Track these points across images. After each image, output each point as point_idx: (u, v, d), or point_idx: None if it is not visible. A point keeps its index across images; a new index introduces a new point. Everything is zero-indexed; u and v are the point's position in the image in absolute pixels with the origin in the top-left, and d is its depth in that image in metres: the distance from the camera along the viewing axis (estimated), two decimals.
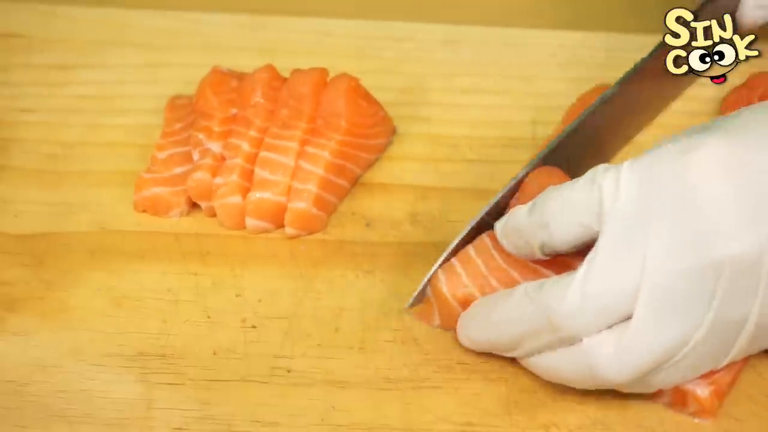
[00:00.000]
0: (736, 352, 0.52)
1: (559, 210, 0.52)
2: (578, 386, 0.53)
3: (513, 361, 0.56)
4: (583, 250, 0.52)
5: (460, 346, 0.57)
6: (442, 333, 0.58)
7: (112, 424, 0.55)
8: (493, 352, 0.56)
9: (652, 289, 0.49)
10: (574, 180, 0.52)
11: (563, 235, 0.52)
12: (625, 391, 0.53)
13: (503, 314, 0.53)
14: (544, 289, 0.51)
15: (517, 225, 0.54)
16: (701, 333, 0.50)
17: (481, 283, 0.57)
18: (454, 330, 0.57)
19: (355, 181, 0.66)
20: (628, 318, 0.50)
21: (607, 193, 0.51)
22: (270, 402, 0.55)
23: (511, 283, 0.56)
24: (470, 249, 0.58)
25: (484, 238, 0.58)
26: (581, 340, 0.51)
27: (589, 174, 0.52)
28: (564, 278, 0.51)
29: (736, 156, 0.49)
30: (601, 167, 0.52)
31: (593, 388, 0.53)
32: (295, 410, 0.55)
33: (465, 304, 0.57)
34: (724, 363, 0.52)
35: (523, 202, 0.56)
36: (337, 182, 0.64)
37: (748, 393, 0.55)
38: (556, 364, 0.52)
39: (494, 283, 0.57)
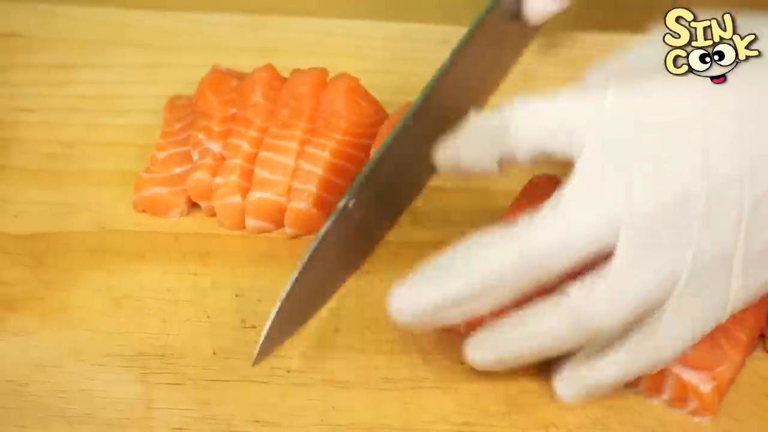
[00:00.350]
0: (734, 293, 0.50)
1: (529, 120, 0.51)
2: (572, 344, 0.51)
3: None
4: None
5: (460, 345, 0.57)
6: (442, 333, 0.58)
7: (112, 424, 0.55)
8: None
9: (633, 222, 0.48)
10: (550, 94, 0.51)
11: (528, 144, 0.51)
12: (631, 350, 0.51)
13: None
14: (528, 228, 0.49)
15: (474, 128, 0.52)
16: (687, 272, 0.49)
17: None
18: (452, 331, 0.57)
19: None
20: (605, 255, 0.49)
21: (588, 114, 0.50)
22: (270, 402, 0.56)
23: None
24: None
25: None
26: (562, 293, 0.50)
27: (567, 90, 0.51)
28: (541, 211, 0.49)
29: (720, 92, 0.50)
30: (581, 84, 0.51)
31: (587, 341, 0.51)
32: (295, 410, 0.55)
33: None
34: (728, 311, 0.51)
35: (523, 209, 0.55)
36: (338, 183, 0.64)
37: (748, 393, 0.55)
38: (536, 331, 0.51)
39: None
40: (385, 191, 0.61)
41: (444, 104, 0.61)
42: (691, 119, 0.49)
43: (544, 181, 0.59)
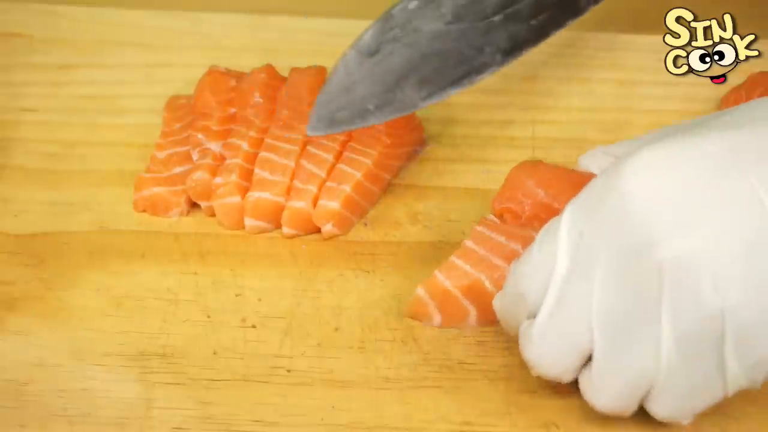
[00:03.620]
0: (732, 372, 0.50)
1: (526, 281, 0.52)
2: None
3: (513, 361, 0.57)
4: None
5: (460, 345, 0.57)
6: (442, 333, 0.58)
7: (112, 423, 0.55)
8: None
9: (602, 322, 0.50)
10: (530, 247, 0.53)
11: (539, 299, 0.52)
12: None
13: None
14: (520, 335, 0.53)
15: (499, 310, 0.55)
16: (669, 348, 0.49)
17: (483, 266, 0.57)
18: (456, 328, 0.58)
19: (386, 188, 0.66)
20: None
21: (554, 245, 0.51)
22: (270, 402, 0.56)
23: (513, 257, 0.56)
24: (467, 242, 0.59)
25: (477, 228, 0.59)
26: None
27: (539, 235, 0.52)
28: (530, 324, 0.52)
29: (662, 165, 0.49)
30: (547, 224, 0.52)
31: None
32: (295, 410, 0.55)
33: (470, 292, 0.57)
34: (729, 388, 0.50)
35: (510, 197, 0.58)
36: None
37: (748, 393, 0.55)
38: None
39: (497, 261, 0.57)
40: None
41: None
42: (634, 199, 0.49)
43: (527, 168, 0.61)
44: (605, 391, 0.51)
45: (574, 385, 0.56)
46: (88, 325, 0.59)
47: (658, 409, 0.52)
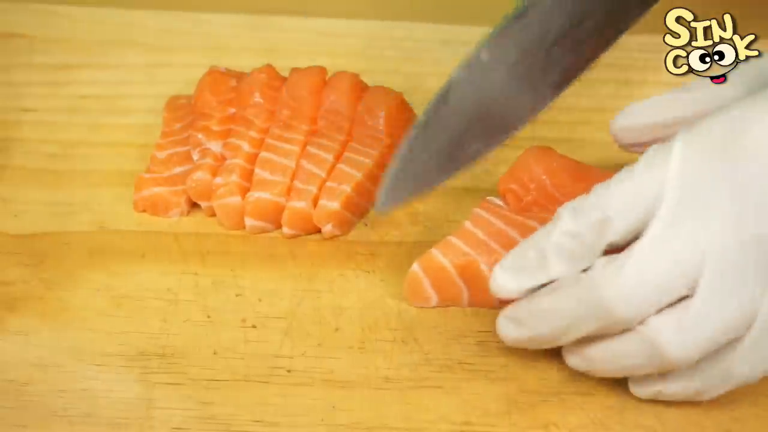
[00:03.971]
0: None
1: (623, 202, 0.50)
2: (640, 372, 0.52)
3: (513, 361, 0.57)
4: None
5: (460, 345, 0.57)
6: (442, 333, 0.58)
7: (112, 423, 0.55)
8: (534, 347, 0.55)
9: (713, 263, 0.48)
10: (628, 168, 0.51)
11: (629, 226, 0.50)
12: (695, 386, 0.52)
13: (549, 304, 0.52)
14: (595, 271, 0.50)
15: (569, 232, 0.52)
16: (766, 307, 0.49)
17: (481, 249, 0.57)
18: (453, 306, 0.58)
19: None
20: (685, 296, 0.49)
21: (663, 171, 0.50)
22: (270, 402, 0.56)
23: (511, 245, 0.55)
24: (466, 224, 0.59)
25: (478, 211, 0.59)
26: (642, 323, 0.50)
27: (644, 157, 0.51)
28: (615, 259, 0.50)
29: None
30: (652, 148, 0.51)
31: (657, 371, 0.52)
32: (295, 410, 0.55)
33: (465, 271, 0.57)
34: None
35: (516, 179, 0.59)
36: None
37: (748, 393, 0.55)
38: (617, 352, 0.52)
39: (494, 245, 0.57)
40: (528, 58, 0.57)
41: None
42: (763, 163, 0.48)
43: (537, 153, 0.61)
44: (694, 336, 0.49)
45: (574, 384, 0.56)
46: (88, 325, 0.59)
47: (740, 364, 0.50)
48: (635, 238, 0.50)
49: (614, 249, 0.51)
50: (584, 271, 0.51)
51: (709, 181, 0.49)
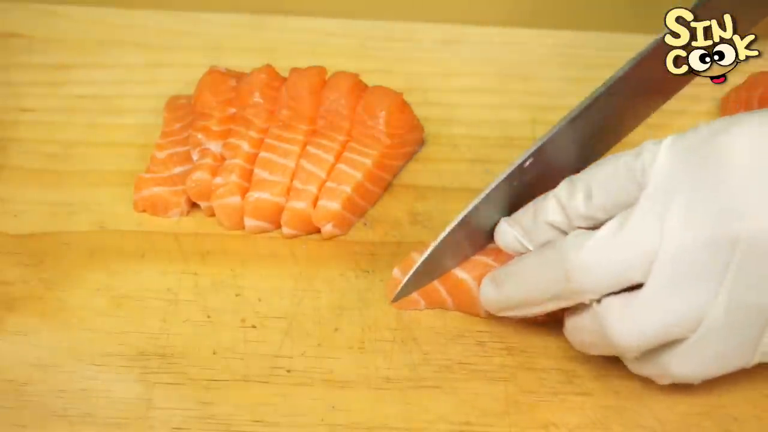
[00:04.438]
0: (765, 348, 0.51)
1: (605, 179, 0.53)
2: (597, 352, 0.54)
3: (513, 361, 0.57)
4: None
5: (460, 345, 0.57)
6: (441, 333, 0.58)
7: (112, 423, 0.55)
8: (512, 313, 0.56)
9: (667, 256, 0.50)
10: (621, 153, 0.53)
11: (607, 202, 0.52)
12: (642, 371, 0.53)
13: (521, 266, 0.55)
14: (566, 238, 0.52)
15: (557, 196, 0.54)
16: (716, 312, 0.50)
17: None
18: (443, 309, 0.59)
19: (386, 188, 0.66)
20: (640, 285, 0.50)
21: (647, 163, 0.51)
22: (270, 402, 0.56)
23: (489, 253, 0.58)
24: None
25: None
26: (597, 301, 0.51)
27: (637, 148, 0.52)
28: (587, 233, 0.52)
29: (766, 141, 0.50)
30: (648, 142, 0.52)
31: (608, 354, 0.53)
32: (295, 410, 0.55)
33: (446, 279, 0.58)
34: (755, 360, 0.51)
35: None
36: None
37: (748, 394, 0.55)
38: (577, 326, 0.53)
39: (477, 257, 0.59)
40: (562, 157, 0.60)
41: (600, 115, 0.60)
42: (734, 166, 0.50)
43: None
44: (639, 324, 0.50)
45: (574, 384, 0.56)
46: (88, 325, 0.59)
47: (677, 364, 0.51)
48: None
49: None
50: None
51: (684, 179, 0.50)
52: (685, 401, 0.55)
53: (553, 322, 0.56)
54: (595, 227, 0.52)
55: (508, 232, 0.56)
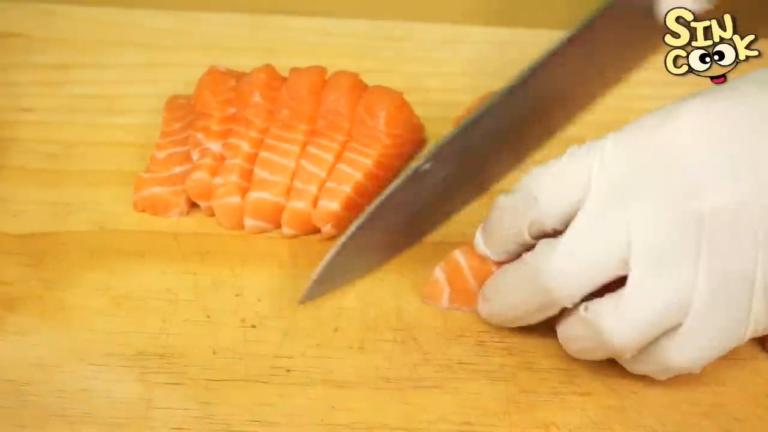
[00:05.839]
0: (756, 316, 0.51)
1: (548, 185, 0.53)
2: (594, 357, 0.54)
3: (513, 361, 0.57)
4: None
5: (460, 345, 0.57)
6: (441, 333, 0.58)
7: (112, 423, 0.55)
8: (511, 325, 0.57)
9: (640, 247, 0.50)
10: (561, 156, 0.53)
11: (553, 208, 0.53)
12: (642, 370, 0.53)
13: (503, 282, 0.56)
14: (535, 251, 0.53)
15: (502, 207, 0.55)
16: (702, 290, 0.50)
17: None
18: (460, 308, 0.59)
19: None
20: (619, 279, 0.51)
21: (593, 163, 0.52)
22: (270, 402, 0.56)
23: None
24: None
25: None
26: (586, 309, 0.52)
27: (575, 148, 0.53)
28: (553, 241, 0.52)
29: (713, 117, 0.51)
30: (586, 142, 0.53)
31: (606, 357, 0.53)
32: (295, 410, 0.55)
33: (480, 275, 0.58)
34: (749, 333, 0.51)
35: None
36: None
37: (749, 393, 0.55)
38: (569, 335, 0.54)
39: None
40: (466, 162, 0.60)
41: (536, 94, 0.60)
42: (684, 146, 0.51)
43: None
44: (631, 320, 0.51)
45: (574, 384, 0.56)
46: (88, 325, 0.59)
47: (676, 352, 0.51)
48: (562, 225, 0.53)
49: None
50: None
51: (637, 170, 0.51)
52: (686, 401, 0.55)
53: (553, 322, 0.56)
54: (556, 232, 0.53)
55: (480, 243, 0.57)
